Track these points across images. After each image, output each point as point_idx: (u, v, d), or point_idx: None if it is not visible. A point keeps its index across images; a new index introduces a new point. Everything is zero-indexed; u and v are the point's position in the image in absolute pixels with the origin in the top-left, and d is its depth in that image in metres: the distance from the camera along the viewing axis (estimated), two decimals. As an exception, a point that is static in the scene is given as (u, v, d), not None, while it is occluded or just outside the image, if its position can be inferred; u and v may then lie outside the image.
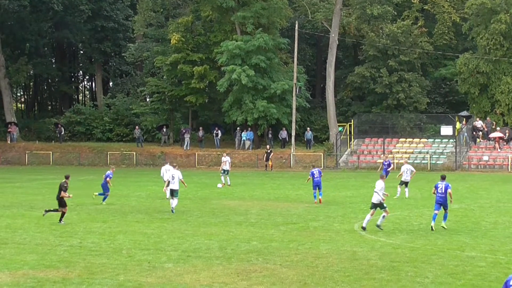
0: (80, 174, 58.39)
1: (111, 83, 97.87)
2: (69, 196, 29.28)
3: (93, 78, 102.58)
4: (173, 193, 33.25)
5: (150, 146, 73.72)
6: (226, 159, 47.55)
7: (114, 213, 32.58)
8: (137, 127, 74.62)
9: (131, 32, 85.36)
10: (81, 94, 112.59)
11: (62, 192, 29.03)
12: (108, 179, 36.95)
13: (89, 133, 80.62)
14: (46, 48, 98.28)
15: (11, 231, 27.13)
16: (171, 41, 71.42)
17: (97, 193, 37.68)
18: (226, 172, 46.92)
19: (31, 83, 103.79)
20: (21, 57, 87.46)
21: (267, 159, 62.55)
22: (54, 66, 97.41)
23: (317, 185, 36.58)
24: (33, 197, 40.31)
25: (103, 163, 70.21)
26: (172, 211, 32.37)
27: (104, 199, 36.84)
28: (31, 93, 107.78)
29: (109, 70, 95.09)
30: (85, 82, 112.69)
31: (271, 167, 62.62)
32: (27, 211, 33.24)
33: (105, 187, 37.16)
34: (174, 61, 71.50)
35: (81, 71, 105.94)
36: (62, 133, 78.03)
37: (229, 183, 46.44)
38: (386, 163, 46.01)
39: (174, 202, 33.03)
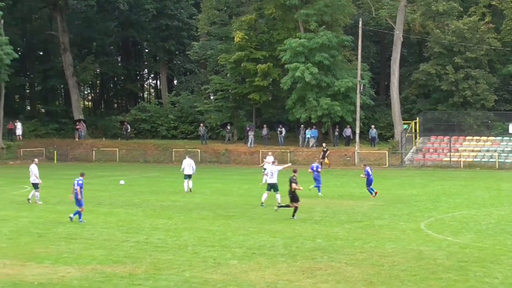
0: (145, 171, 59.08)
1: (175, 81, 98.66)
2: (299, 189, 29.88)
3: (158, 76, 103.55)
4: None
5: (214, 143, 74.11)
6: (270, 159, 47.48)
7: (179, 210, 32.87)
8: (201, 124, 75.09)
9: (195, 31, 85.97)
10: (146, 92, 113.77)
11: (293, 185, 29.39)
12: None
13: (154, 131, 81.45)
14: (112, 47, 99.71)
15: (80, 226, 27.62)
16: (235, 39, 71.68)
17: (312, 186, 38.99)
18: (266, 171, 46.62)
19: (97, 82, 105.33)
20: (88, 56, 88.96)
21: (323, 157, 62.20)
22: (120, 64, 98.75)
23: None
24: (100, 193, 40.91)
25: (168, 160, 70.91)
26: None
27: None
28: (97, 91, 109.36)
29: (174, 68, 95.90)
30: (150, 80, 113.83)
31: (328, 165, 62.18)
32: (95, 207, 33.75)
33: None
34: (238, 59, 71.77)
35: (146, 69, 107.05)
36: (128, 130, 79.03)
37: (263, 182, 46.05)
38: None
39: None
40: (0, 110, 76.23)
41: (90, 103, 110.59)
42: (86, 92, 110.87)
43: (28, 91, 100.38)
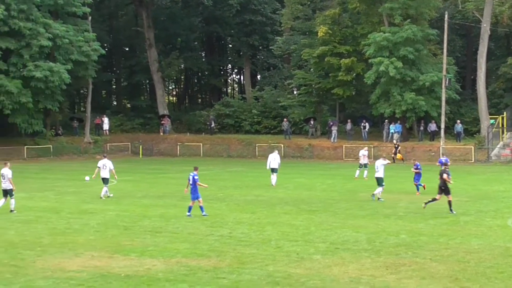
0: (229, 166, 59.49)
1: (259, 76, 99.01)
2: (450, 182, 29.89)
3: (241, 71, 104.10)
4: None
5: (298, 138, 74.08)
6: (365, 153, 47.16)
7: (263, 205, 33.00)
8: (285, 119, 75.13)
9: (278, 26, 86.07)
10: (230, 87, 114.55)
11: (444, 176, 29.71)
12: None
13: (237, 126, 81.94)
14: (196, 43, 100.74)
15: (165, 220, 28.02)
16: (318, 33, 71.48)
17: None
18: (364, 166, 46.46)
19: (182, 77, 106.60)
20: (173, 52, 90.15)
21: (395, 153, 61.29)
22: (204, 59, 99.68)
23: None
24: (185, 187, 41.31)
25: (252, 155, 71.25)
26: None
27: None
28: (182, 86, 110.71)
29: (257, 63, 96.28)
30: (234, 75, 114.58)
31: (402, 159, 61.17)
32: (179, 201, 34.15)
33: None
34: (321, 54, 71.56)
35: (229, 65, 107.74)
36: (212, 125, 79.70)
37: (365, 176, 45.83)
38: None
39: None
40: (87, 105, 78.05)
41: (174, 98, 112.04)
42: (170, 87, 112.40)
43: (114, 86, 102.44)
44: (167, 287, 17.28)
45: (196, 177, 29.12)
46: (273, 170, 42.36)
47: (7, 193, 30.68)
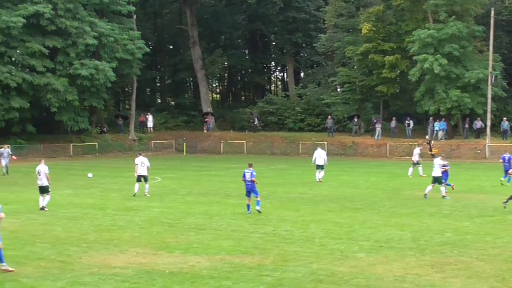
0: (272, 163, 59.53)
1: (302, 74, 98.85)
2: None
3: (284, 69, 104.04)
4: None
5: (341, 136, 73.81)
6: (419, 151, 46.74)
7: (306, 202, 32.97)
8: (329, 117, 74.84)
9: (322, 23, 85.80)
10: (273, 85, 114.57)
11: None
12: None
13: (281, 123, 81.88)
14: (239, 40, 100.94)
15: (208, 217, 28.13)
16: (362, 30, 71.10)
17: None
18: (417, 164, 46.08)
19: (225, 74, 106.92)
20: (217, 49, 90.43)
21: (430, 150, 60.54)
22: (247, 57, 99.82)
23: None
24: (228, 185, 41.51)
25: (295, 152, 71.21)
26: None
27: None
28: (225, 84, 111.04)
29: (300, 60, 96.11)
30: (277, 73, 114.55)
31: (436, 153, 60.45)
32: (223, 199, 34.31)
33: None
34: (365, 51, 71.20)
35: (273, 62, 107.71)
36: (256, 122, 79.78)
37: (421, 174, 45.43)
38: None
39: None
40: (132, 103, 78.72)
41: (218, 95, 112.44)
42: (214, 85, 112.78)
43: (158, 84, 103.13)
44: (211, 284, 17.35)
45: (254, 173, 29.03)
46: (318, 167, 42.78)
47: (43, 190, 31.02)
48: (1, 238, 18.80)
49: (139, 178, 35.94)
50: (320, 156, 42.97)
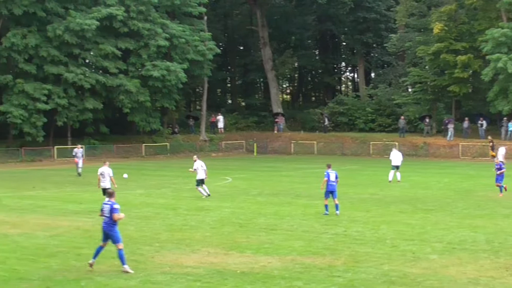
0: (343, 164, 59.20)
1: (372, 74, 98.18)
2: None
3: (355, 69, 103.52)
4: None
5: (412, 136, 73.00)
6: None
7: (377, 203, 32.74)
8: (402, 117, 74.03)
9: (393, 23, 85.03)
10: (344, 85, 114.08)
11: None
12: None
13: (351, 124, 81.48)
14: (310, 41, 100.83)
15: (279, 218, 28.17)
16: (434, 30, 70.16)
17: None
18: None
19: (296, 75, 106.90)
20: (287, 50, 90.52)
21: (493, 149, 59.40)
22: (317, 58, 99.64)
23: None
24: (299, 185, 41.52)
25: (366, 153, 70.75)
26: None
27: None
28: (296, 84, 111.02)
29: (371, 60, 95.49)
30: (348, 73, 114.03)
31: (493, 156, 59.41)
32: (293, 199, 34.31)
33: None
34: (437, 51, 70.25)
35: (343, 62, 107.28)
36: (326, 123, 79.54)
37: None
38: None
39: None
40: (203, 103, 79.33)
41: (288, 96, 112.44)
42: (284, 86, 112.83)
43: (229, 85, 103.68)
44: (282, 284, 17.37)
45: (337, 174, 29.43)
46: (394, 167, 43.09)
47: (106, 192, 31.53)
48: (121, 239, 19.02)
49: (200, 181, 35.55)
50: (397, 157, 43.31)
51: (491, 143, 60.63)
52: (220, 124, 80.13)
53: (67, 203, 33.48)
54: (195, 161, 35.99)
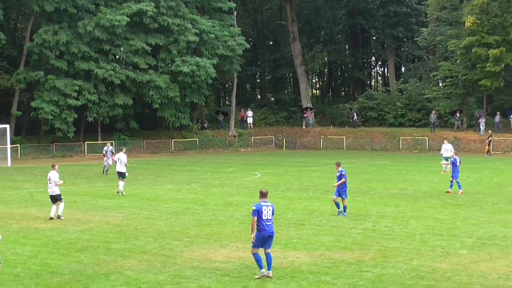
0: (372, 159, 59.05)
1: (403, 68, 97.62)
2: None
3: (385, 64, 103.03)
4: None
5: (443, 131, 72.48)
6: None
7: (407, 198, 32.60)
8: (433, 111, 73.54)
9: (424, 16, 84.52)
10: (373, 80, 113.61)
11: None
12: None
13: (381, 118, 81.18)
14: (340, 35, 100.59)
15: (308, 213, 28.17)
16: (466, 23, 69.54)
17: None
18: None
19: (325, 70, 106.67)
20: (317, 45, 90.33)
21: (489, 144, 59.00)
22: (347, 52, 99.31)
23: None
24: (328, 180, 41.37)
25: (395, 148, 70.45)
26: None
27: None
28: (325, 79, 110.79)
29: (401, 55, 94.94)
30: (377, 68, 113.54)
31: (488, 152, 59.05)
32: (322, 194, 34.29)
33: None
34: (469, 44, 69.62)
35: (373, 57, 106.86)
36: (355, 118, 79.33)
37: None
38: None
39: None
40: (232, 99, 79.46)
41: (318, 91, 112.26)
42: (314, 81, 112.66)
43: (258, 80, 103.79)
44: (310, 279, 17.39)
45: (344, 173, 28.17)
46: (445, 158, 45.43)
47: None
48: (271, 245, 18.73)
49: (119, 174, 35.77)
50: (447, 149, 46.17)
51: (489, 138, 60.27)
52: (250, 120, 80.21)
53: (97, 198, 33.75)
54: (121, 150, 37.26)
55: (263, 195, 17.95)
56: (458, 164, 34.95)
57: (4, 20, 66.30)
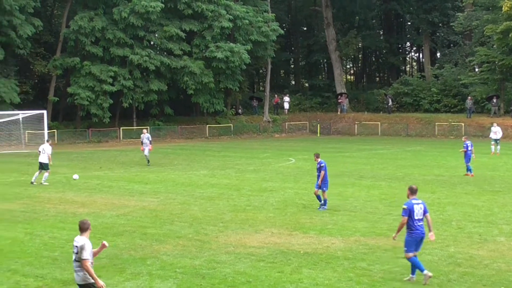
0: (407, 145, 58.69)
1: (438, 54, 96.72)
2: None
3: (420, 49, 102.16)
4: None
5: (479, 117, 71.78)
6: None
7: (443, 184, 32.36)
8: (469, 97, 72.82)
9: (459, 1, 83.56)
10: (408, 65, 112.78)
11: None
12: None
13: (416, 104, 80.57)
14: (374, 21, 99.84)
15: (343, 199, 28.10)
16: (503, 8, 68.68)
17: None
18: None
19: (359, 56, 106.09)
20: (351, 30, 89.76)
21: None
22: (382, 38, 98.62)
23: None
24: (362, 166, 41.29)
25: (431, 134, 69.91)
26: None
27: None
28: (359, 65, 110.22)
29: (437, 40, 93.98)
30: (413, 53, 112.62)
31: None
32: (357, 180, 34.17)
33: None
34: (506, 29, 68.67)
35: (408, 42, 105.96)
36: (390, 104, 78.84)
37: None
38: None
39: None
40: (266, 84, 79.35)
41: (352, 77, 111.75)
42: (348, 66, 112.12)
43: (292, 66, 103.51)
44: (345, 265, 17.35)
45: (323, 165, 26.73)
46: (494, 141, 47.84)
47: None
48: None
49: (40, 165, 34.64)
50: (496, 131, 48.62)
51: None
52: (286, 105, 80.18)
53: (133, 183, 33.95)
54: (47, 141, 37.42)
55: (413, 191, 16.47)
56: (469, 148, 35.75)
57: (41, 7, 66.86)
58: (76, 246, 12.69)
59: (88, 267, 12.42)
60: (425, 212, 16.18)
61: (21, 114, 58.33)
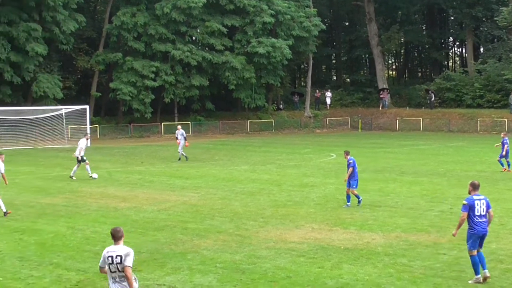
0: (449, 141, 58.24)
1: (481, 49, 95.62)
2: None
3: (463, 44, 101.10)
4: None
5: (523, 113, 70.98)
6: None
7: (485, 180, 31.94)
8: (512, 93, 72.06)
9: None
10: (451, 61, 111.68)
11: None
12: None
13: (458, 100, 79.81)
14: (416, 15, 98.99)
15: (384, 194, 27.99)
16: (547, 2, 67.88)
17: None
18: None
19: (402, 51, 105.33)
20: (393, 25, 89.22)
21: None
22: (424, 33, 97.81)
23: None
24: (404, 162, 41.07)
25: (473, 129, 69.25)
26: None
27: None
28: (401, 60, 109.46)
29: (480, 35, 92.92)
30: (455, 48, 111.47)
31: None
32: (398, 176, 33.99)
33: None
34: (550, 24, 67.98)
35: (451, 37, 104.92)
36: (432, 99, 78.22)
37: None
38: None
39: None
40: (308, 80, 79.28)
41: (394, 72, 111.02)
42: (390, 61, 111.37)
43: (334, 61, 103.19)
44: (386, 261, 17.30)
45: (351, 162, 26.45)
46: None
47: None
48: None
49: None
50: None
51: None
52: (328, 100, 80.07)
53: (174, 178, 34.18)
54: (85, 135, 37.25)
55: (475, 187, 16.14)
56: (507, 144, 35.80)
57: (84, 3, 67.55)
58: (119, 255, 11.65)
59: (131, 275, 11.70)
60: (488, 207, 15.95)
61: (64, 109, 59.13)
